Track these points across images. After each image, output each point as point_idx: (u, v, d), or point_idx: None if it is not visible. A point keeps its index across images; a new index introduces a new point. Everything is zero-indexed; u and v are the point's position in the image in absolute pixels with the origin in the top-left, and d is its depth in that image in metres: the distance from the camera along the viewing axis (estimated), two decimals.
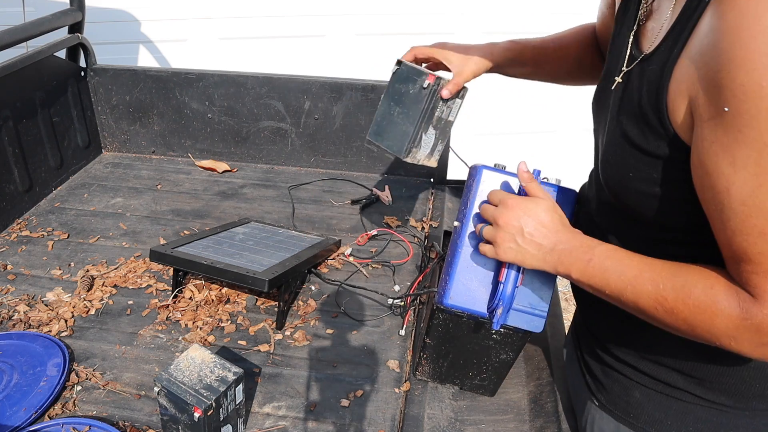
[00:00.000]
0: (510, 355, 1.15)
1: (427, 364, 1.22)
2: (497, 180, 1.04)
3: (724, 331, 0.70)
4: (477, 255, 1.04)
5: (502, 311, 0.99)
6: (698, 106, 0.69)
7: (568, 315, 3.01)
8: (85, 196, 1.96)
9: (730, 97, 0.63)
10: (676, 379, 0.92)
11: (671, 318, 0.76)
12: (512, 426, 1.16)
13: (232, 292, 1.50)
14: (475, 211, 1.04)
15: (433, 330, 1.16)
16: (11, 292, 1.49)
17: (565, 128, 3.63)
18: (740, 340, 0.70)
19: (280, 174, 2.16)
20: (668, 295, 0.75)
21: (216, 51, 3.39)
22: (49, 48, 1.92)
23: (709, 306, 0.71)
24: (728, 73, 0.63)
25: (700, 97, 0.68)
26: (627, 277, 0.79)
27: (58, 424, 1.10)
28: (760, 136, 0.62)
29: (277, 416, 1.16)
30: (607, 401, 1.02)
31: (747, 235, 0.67)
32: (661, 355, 0.92)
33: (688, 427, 0.93)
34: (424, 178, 2.12)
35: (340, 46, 3.43)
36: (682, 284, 0.74)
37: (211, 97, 2.14)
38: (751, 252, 0.67)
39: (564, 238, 0.89)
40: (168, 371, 1.03)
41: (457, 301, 1.06)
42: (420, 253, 1.68)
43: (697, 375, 0.89)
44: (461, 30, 3.45)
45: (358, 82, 2.04)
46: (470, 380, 1.21)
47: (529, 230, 0.90)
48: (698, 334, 0.74)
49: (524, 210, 0.91)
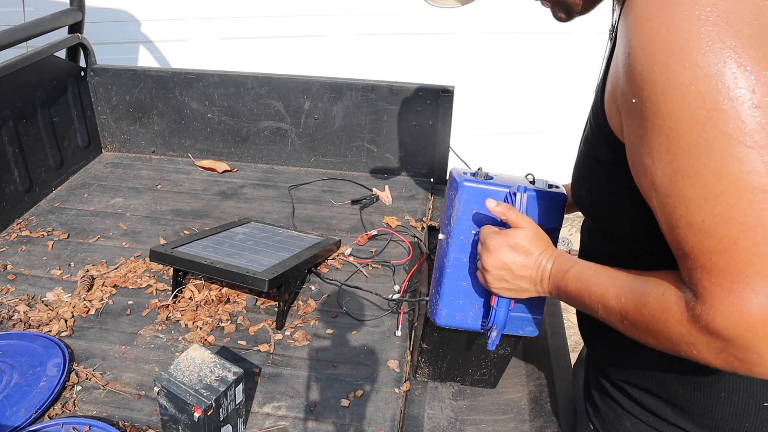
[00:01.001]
0: (507, 350, 1.16)
1: (426, 366, 1.23)
2: (479, 193, 0.99)
3: (681, 338, 0.65)
4: (465, 272, 1.03)
5: (496, 334, 0.99)
6: (620, 104, 0.70)
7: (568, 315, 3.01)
8: (85, 196, 1.96)
9: (635, 88, 0.64)
10: (666, 412, 0.88)
11: (637, 331, 0.73)
12: (512, 426, 1.16)
13: (232, 292, 1.50)
14: (460, 227, 1.01)
15: (428, 336, 1.16)
16: (11, 292, 1.49)
17: (565, 128, 3.63)
18: (699, 347, 0.64)
19: (280, 174, 2.16)
20: (629, 308, 0.72)
21: (216, 51, 3.39)
22: (49, 48, 1.92)
23: (663, 313, 0.67)
24: (629, 66, 0.64)
25: (619, 95, 0.69)
26: (596, 296, 0.78)
27: (58, 424, 1.10)
28: (663, 120, 0.62)
29: (277, 416, 1.16)
30: (601, 427, 1.00)
31: (677, 228, 0.64)
32: (650, 383, 0.89)
33: None
34: (424, 178, 2.12)
35: (340, 46, 3.43)
36: (639, 295, 0.71)
37: (211, 97, 2.14)
38: (685, 246, 0.63)
39: (548, 265, 0.88)
40: (168, 371, 1.03)
41: (450, 321, 1.07)
42: (419, 253, 1.68)
43: (686, 407, 0.86)
44: (461, 30, 3.46)
45: (358, 82, 2.04)
46: (470, 376, 1.22)
47: (516, 267, 0.89)
48: (663, 344, 0.69)
49: (507, 248, 0.89)
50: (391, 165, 2.14)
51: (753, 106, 0.57)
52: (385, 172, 2.15)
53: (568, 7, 0.86)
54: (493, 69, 3.52)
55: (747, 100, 0.57)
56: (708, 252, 0.61)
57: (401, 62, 3.43)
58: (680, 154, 0.61)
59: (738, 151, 0.57)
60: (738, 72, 0.57)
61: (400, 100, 2.03)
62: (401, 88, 2.02)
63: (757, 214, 0.57)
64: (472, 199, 0.99)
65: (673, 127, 0.61)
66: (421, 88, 2.01)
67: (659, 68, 0.61)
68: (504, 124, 3.68)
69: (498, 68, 3.52)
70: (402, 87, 2.01)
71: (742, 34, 0.58)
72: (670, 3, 0.61)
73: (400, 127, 2.07)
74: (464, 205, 1.00)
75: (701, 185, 0.60)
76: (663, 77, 0.61)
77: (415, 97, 2.02)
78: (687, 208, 0.62)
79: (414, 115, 2.04)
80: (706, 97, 0.58)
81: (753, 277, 0.58)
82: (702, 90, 0.58)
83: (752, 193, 0.57)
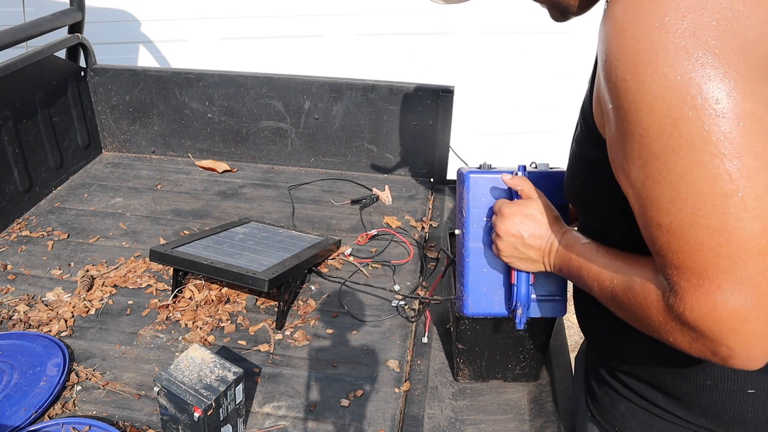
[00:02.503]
0: (542, 338, 1.17)
1: (465, 367, 1.23)
2: (485, 182, 1.05)
3: (659, 324, 0.70)
4: (484, 259, 1.07)
5: (522, 311, 1.02)
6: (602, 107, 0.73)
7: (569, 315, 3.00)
8: (85, 196, 1.96)
9: (610, 94, 0.67)
10: (656, 397, 0.91)
11: (624, 313, 0.77)
12: (512, 426, 1.16)
13: (232, 292, 1.50)
14: (473, 217, 1.06)
15: (462, 335, 1.18)
16: (11, 292, 1.49)
17: (565, 128, 3.62)
18: (674, 335, 0.68)
19: (280, 174, 2.16)
20: (618, 290, 0.77)
21: (216, 51, 3.39)
22: (49, 48, 1.92)
23: (644, 299, 0.71)
24: (606, 73, 0.67)
25: (602, 98, 0.72)
26: (593, 274, 0.83)
27: (58, 424, 1.10)
28: (635, 127, 0.64)
29: (277, 416, 1.16)
30: (597, 413, 1.02)
31: (650, 228, 0.67)
32: (641, 371, 0.92)
33: None
34: (424, 178, 2.12)
35: (340, 46, 3.43)
36: (627, 279, 0.75)
37: (211, 97, 2.14)
38: (657, 245, 0.67)
39: (556, 239, 0.93)
40: (168, 371, 1.03)
41: (477, 309, 1.09)
42: (420, 253, 1.68)
43: (675, 393, 0.89)
44: (461, 30, 3.46)
45: (358, 82, 2.04)
46: (511, 372, 1.23)
47: (528, 236, 0.94)
48: (645, 328, 0.74)
49: (521, 216, 0.95)
50: (391, 165, 2.14)
51: (717, 116, 0.59)
52: (385, 172, 2.15)
53: (564, 9, 0.88)
54: (493, 69, 3.52)
55: (712, 110, 0.59)
56: (676, 251, 0.64)
57: (401, 62, 3.43)
58: (650, 160, 0.64)
59: (702, 158, 0.60)
60: (703, 83, 0.60)
61: (400, 100, 2.03)
62: (401, 88, 2.02)
63: (720, 218, 0.60)
64: (479, 189, 1.05)
65: (643, 134, 0.64)
66: (421, 88, 2.01)
67: (630, 77, 0.63)
68: (504, 124, 3.67)
69: (498, 68, 3.52)
70: (402, 87, 2.01)
71: (710, 45, 0.60)
72: (641, 15, 0.63)
73: (400, 127, 2.07)
74: (473, 195, 1.05)
75: (669, 189, 0.63)
76: (634, 86, 0.63)
77: (415, 97, 2.02)
78: (657, 210, 0.65)
79: (414, 115, 2.04)
80: (673, 107, 0.61)
81: (718, 276, 0.62)
82: (669, 100, 0.61)
83: (715, 198, 0.60)
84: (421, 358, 1.31)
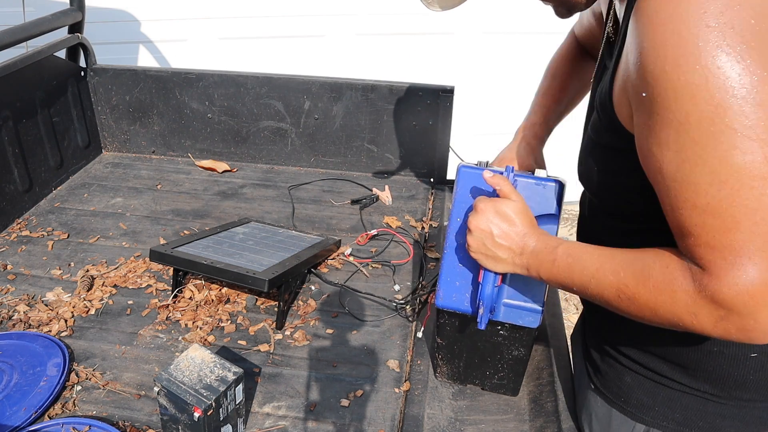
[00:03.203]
0: (521, 351, 1.15)
1: (444, 364, 1.23)
2: (476, 177, 1.05)
3: (685, 307, 0.73)
4: (460, 255, 1.07)
5: (483, 311, 1.01)
6: (630, 97, 0.77)
7: (568, 315, 3.01)
8: (85, 196, 1.96)
9: (645, 84, 0.71)
10: (662, 367, 0.96)
11: (634, 305, 0.79)
12: (512, 426, 1.16)
13: (232, 292, 1.50)
14: (457, 210, 1.06)
15: (442, 329, 1.18)
16: (11, 292, 1.49)
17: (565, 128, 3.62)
18: (700, 316, 0.72)
19: (280, 174, 2.16)
20: (629, 282, 0.78)
21: (216, 51, 3.39)
22: (49, 48, 1.92)
23: (669, 284, 0.74)
24: (642, 64, 0.71)
25: (630, 88, 0.77)
26: (589, 271, 0.84)
27: (58, 424, 1.10)
28: (673, 115, 0.69)
29: (277, 416, 1.16)
30: (601, 385, 1.06)
31: (682, 209, 0.71)
32: (647, 343, 0.96)
33: (674, 413, 0.97)
34: (424, 178, 2.12)
35: (340, 46, 3.43)
36: (641, 269, 0.78)
37: (211, 97, 2.14)
38: (689, 225, 0.71)
39: (531, 241, 0.93)
40: (168, 371, 1.03)
41: (448, 302, 1.10)
42: (420, 253, 1.68)
43: (681, 362, 0.93)
44: (461, 30, 3.46)
45: (358, 82, 2.04)
46: (489, 380, 1.22)
47: (498, 233, 0.94)
48: (661, 316, 0.76)
49: (494, 213, 0.95)
50: (391, 165, 2.14)
51: (755, 104, 0.64)
52: (385, 172, 2.15)
53: (571, 5, 0.92)
54: (493, 69, 3.52)
55: (750, 98, 0.65)
56: (713, 230, 0.69)
57: (401, 62, 3.43)
58: (687, 145, 0.69)
59: (741, 143, 0.65)
60: (742, 73, 0.65)
61: (400, 100, 2.03)
62: (401, 88, 2.02)
63: (757, 199, 0.65)
64: (468, 183, 1.05)
65: (682, 121, 0.68)
66: (421, 88, 2.01)
67: (671, 69, 0.68)
68: (504, 124, 3.67)
69: (498, 68, 3.52)
70: (402, 87, 2.01)
71: (746, 39, 0.65)
72: (681, 11, 0.68)
73: (400, 127, 2.07)
74: (461, 188, 1.05)
75: (708, 172, 0.68)
76: (674, 77, 0.68)
77: (415, 97, 2.02)
78: (694, 192, 0.69)
79: (414, 115, 2.04)
80: (714, 96, 0.66)
81: (753, 252, 0.67)
82: (711, 89, 0.66)
83: (753, 180, 0.65)
84: (421, 358, 1.31)
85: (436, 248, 1.70)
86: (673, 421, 0.97)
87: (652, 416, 0.99)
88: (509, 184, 0.98)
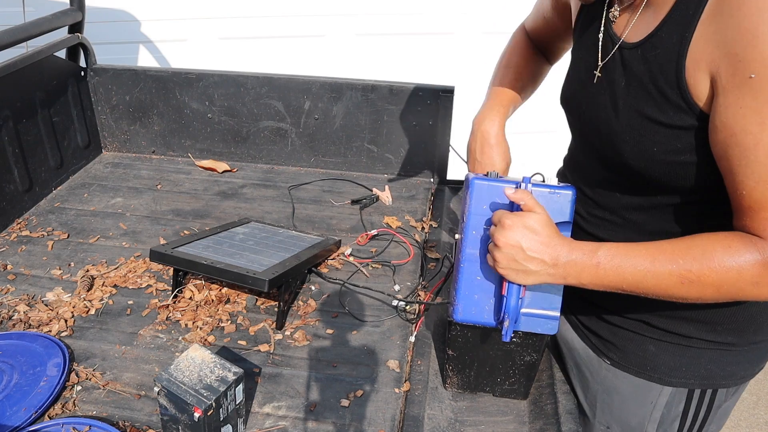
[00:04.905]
0: (534, 356, 1.15)
1: (454, 375, 1.22)
2: (490, 190, 1.04)
3: (750, 278, 0.81)
4: (478, 268, 1.06)
5: (509, 324, 1.01)
6: (721, 78, 0.81)
7: None
8: (85, 196, 1.96)
9: (756, 66, 0.76)
10: (688, 329, 1.04)
11: (698, 288, 0.84)
12: (512, 427, 1.16)
13: (232, 292, 1.50)
14: (473, 224, 1.05)
15: (453, 341, 1.17)
16: (11, 292, 1.49)
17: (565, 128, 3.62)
18: (761, 284, 0.81)
19: (280, 174, 2.16)
20: (692, 267, 0.84)
21: (216, 51, 3.39)
22: (49, 48, 1.92)
23: (736, 262, 0.81)
24: (754, 47, 0.76)
25: (723, 69, 0.80)
26: (643, 266, 0.88)
27: (58, 424, 1.10)
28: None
29: (277, 416, 1.16)
30: (621, 359, 1.12)
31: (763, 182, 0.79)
32: (675, 309, 1.03)
33: (700, 369, 1.06)
34: (424, 178, 2.12)
35: (340, 46, 3.43)
36: (701, 253, 0.84)
37: (211, 97, 2.14)
38: None
39: (563, 251, 0.94)
40: (168, 371, 1.03)
41: (467, 316, 1.08)
42: (420, 253, 1.68)
43: (709, 320, 1.02)
44: (461, 30, 3.46)
45: (358, 82, 2.04)
46: (500, 386, 1.21)
47: (528, 246, 0.94)
48: (723, 291, 0.83)
49: (522, 227, 0.95)
50: (391, 165, 2.14)
51: None
52: (385, 172, 2.15)
53: None
54: (493, 69, 3.52)
55: None
56: None
57: (401, 62, 3.43)
58: None
59: None
60: None
61: (400, 100, 2.03)
62: (401, 88, 2.02)
63: None
64: (482, 196, 1.05)
65: None
66: (421, 88, 2.01)
67: None
68: None
69: None
70: (402, 87, 2.01)
71: None
72: None
73: (400, 127, 2.07)
74: (475, 201, 1.05)
75: None
76: None
77: (415, 97, 2.02)
78: None
79: (414, 115, 2.04)
80: None
81: None
82: None
83: None
84: (421, 358, 1.31)
85: (436, 248, 1.70)
86: (698, 377, 1.06)
87: (679, 376, 1.07)
88: (532, 197, 0.98)
